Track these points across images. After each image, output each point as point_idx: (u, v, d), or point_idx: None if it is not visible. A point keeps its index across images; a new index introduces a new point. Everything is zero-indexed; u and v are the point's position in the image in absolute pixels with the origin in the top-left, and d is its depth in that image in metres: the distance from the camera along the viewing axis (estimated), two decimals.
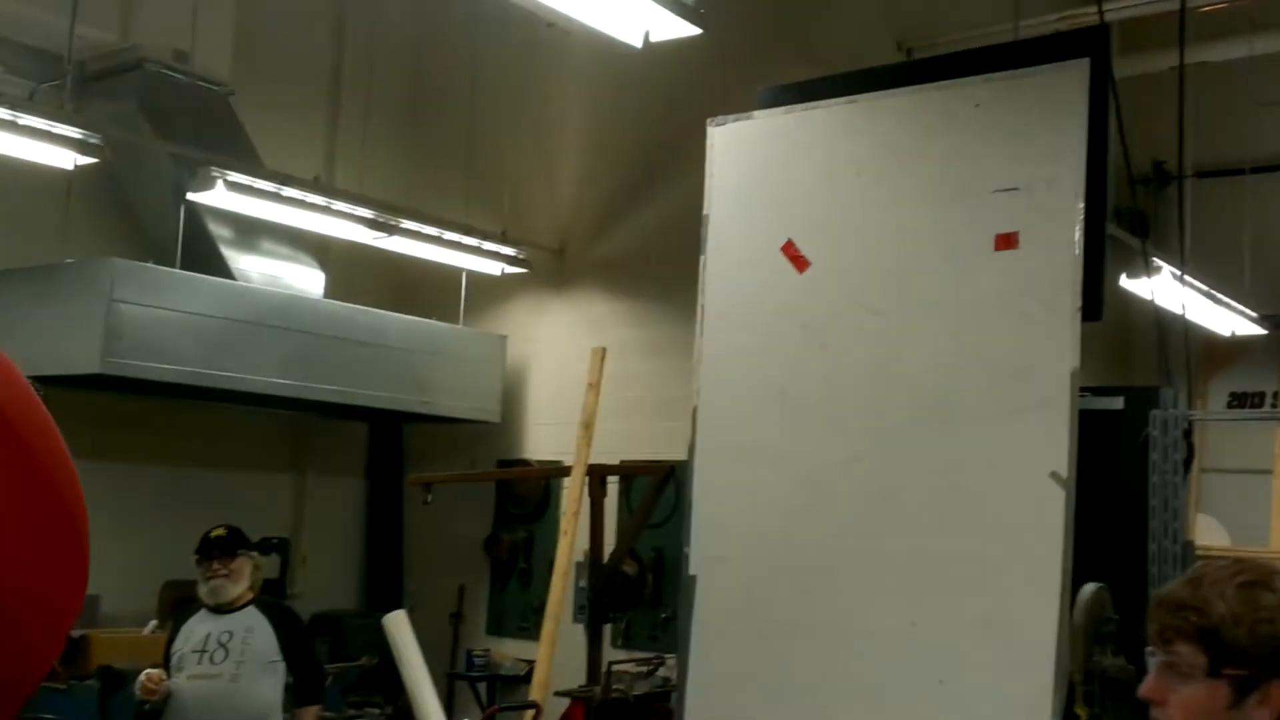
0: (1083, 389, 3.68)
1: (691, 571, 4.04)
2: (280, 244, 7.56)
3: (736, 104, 4.52)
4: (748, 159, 4.32)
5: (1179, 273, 5.81)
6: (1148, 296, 5.95)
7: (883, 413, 3.84)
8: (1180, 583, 1.50)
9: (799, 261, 4.11)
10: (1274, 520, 6.91)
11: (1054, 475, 3.52)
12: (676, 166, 7.62)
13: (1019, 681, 3.43)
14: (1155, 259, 5.81)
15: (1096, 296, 3.74)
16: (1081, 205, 3.62)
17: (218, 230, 7.22)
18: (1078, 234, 3.60)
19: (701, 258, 4.29)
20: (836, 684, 3.69)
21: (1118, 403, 6.37)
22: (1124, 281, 6.31)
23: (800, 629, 3.80)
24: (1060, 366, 3.58)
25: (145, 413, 7.39)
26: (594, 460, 6.90)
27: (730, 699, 3.86)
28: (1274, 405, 7.07)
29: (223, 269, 7.08)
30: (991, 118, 3.85)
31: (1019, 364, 3.65)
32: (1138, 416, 6.18)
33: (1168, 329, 6.06)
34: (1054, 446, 3.54)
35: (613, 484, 7.03)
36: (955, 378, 3.75)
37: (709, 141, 4.38)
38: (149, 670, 4.30)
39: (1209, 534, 6.74)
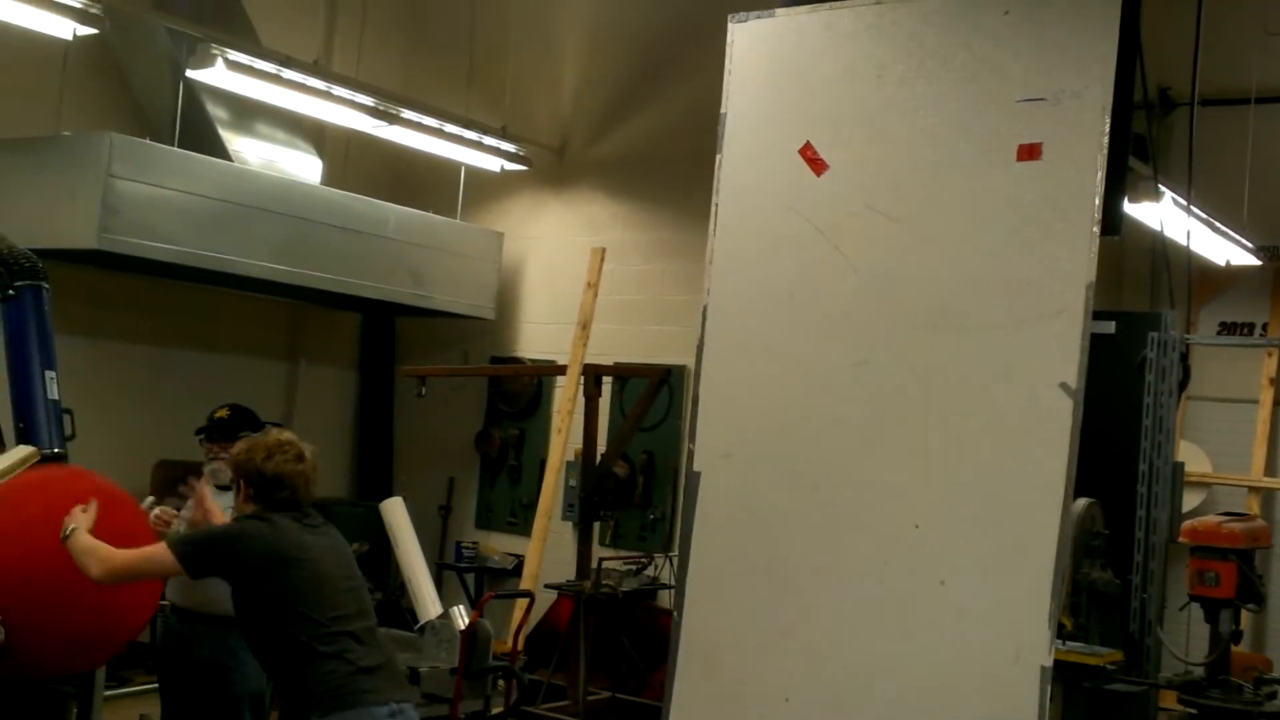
0: None
1: (696, 468, 4.07)
2: (278, 128, 7.45)
3: (752, 3, 4.43)
4: (768, 58, 4.26)
5: (1184, 201, 5.81)
6: (1151, 223, 5.96)
7: (894, 317, 3.84)
8: None
9: (816, 164, 4.09)
10: (1256, 449, 7.00)
11: (1063, 386, 3.55)
12: (683, 67, 7.53)
13: (1018, 586, 3.49)
14: (1160, 185, 5.81)
15: (1115, 212, 3.74)
16: (1108, 120, 3.60)
17: (215, 110, 7.10)
18: (1102, 148, 3.59)
19: (718, 156, 4.24)
20: (837, 581, 3.76)
21: (1109, 327, 6.42)
22: (1126, 206, 6.31)
23: (803, 527, 3.85)
24: (1076, 279, 3.58)
25: (139, 292, 7.35)
26: (589, 360, 6.92)
27: (730, 592, 3.92)
28: (1264, 335, 7.13)
29: (219, 150, 6.98)
30: (1020, 26, 3.80)
31: (1034, 275, 3.65)
32: (1129, 341, 6.24)
33: (1168, 255, 6.08)
34: (1064, 358, 3.56)
35: (606, 385, 7.07)
36: (969, 285, 3.75)
37: (729, 38, 4.31)
38: (160, 509, 4.39)
39: (1191, 460, 6.83)
